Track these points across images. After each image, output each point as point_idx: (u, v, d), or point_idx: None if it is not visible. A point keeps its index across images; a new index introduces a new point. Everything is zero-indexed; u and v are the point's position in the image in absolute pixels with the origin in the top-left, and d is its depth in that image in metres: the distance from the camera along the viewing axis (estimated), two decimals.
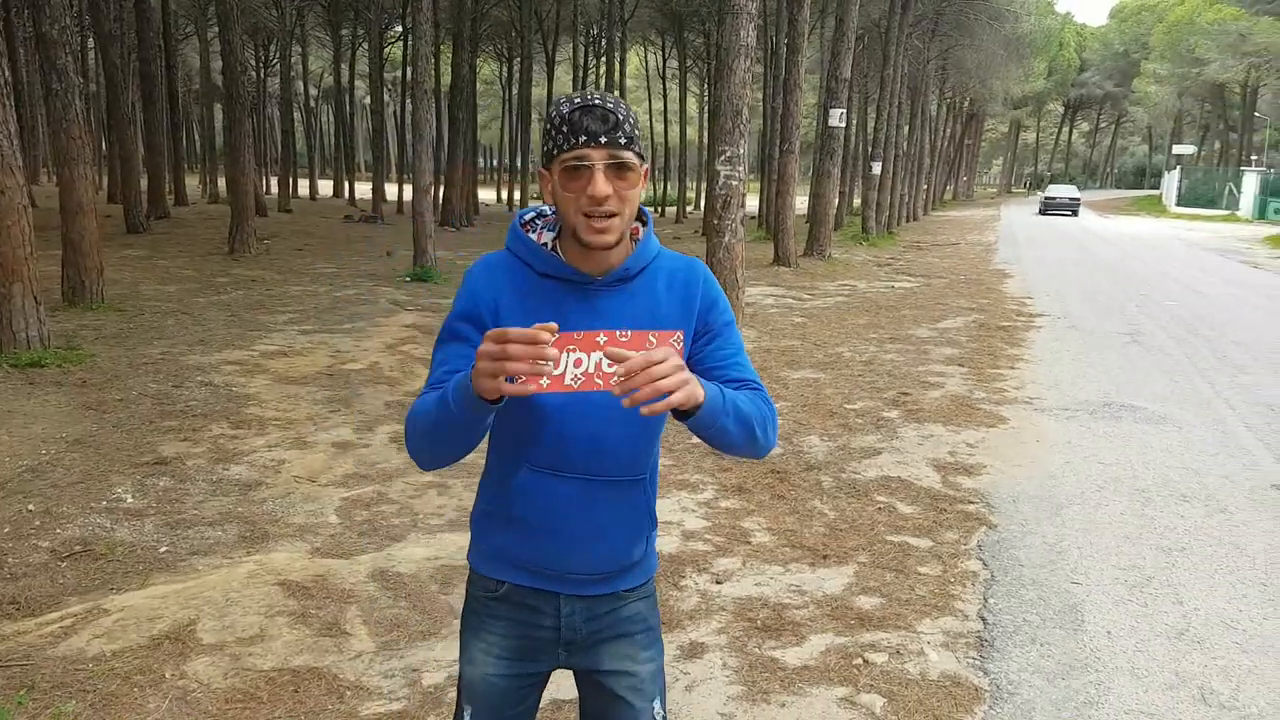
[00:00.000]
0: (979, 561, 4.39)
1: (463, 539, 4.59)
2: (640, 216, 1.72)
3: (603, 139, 1.53)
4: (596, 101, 1.56)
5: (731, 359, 1.72)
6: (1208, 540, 4.73)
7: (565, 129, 1.55)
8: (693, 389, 1.43)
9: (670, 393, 1.39)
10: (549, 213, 1.73)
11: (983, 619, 3.80)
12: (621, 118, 1.56)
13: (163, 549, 4.35)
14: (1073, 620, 3.81)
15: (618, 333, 1.58)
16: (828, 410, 7.12)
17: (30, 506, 4.77)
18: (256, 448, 5.90)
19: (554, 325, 1.42)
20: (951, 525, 4.83)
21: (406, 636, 3.61)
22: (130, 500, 4.94)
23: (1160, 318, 12.52)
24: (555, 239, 1.69)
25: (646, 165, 1.64)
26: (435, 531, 4.68)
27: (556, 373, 1.56)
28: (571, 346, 1.57)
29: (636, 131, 1.59)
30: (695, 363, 1.70)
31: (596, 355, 1.56)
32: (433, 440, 1.61)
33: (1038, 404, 7.52)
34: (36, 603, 3.77)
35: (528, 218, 1.74)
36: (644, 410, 1.39)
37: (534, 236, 1.70)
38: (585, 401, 1.59)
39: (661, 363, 1.39)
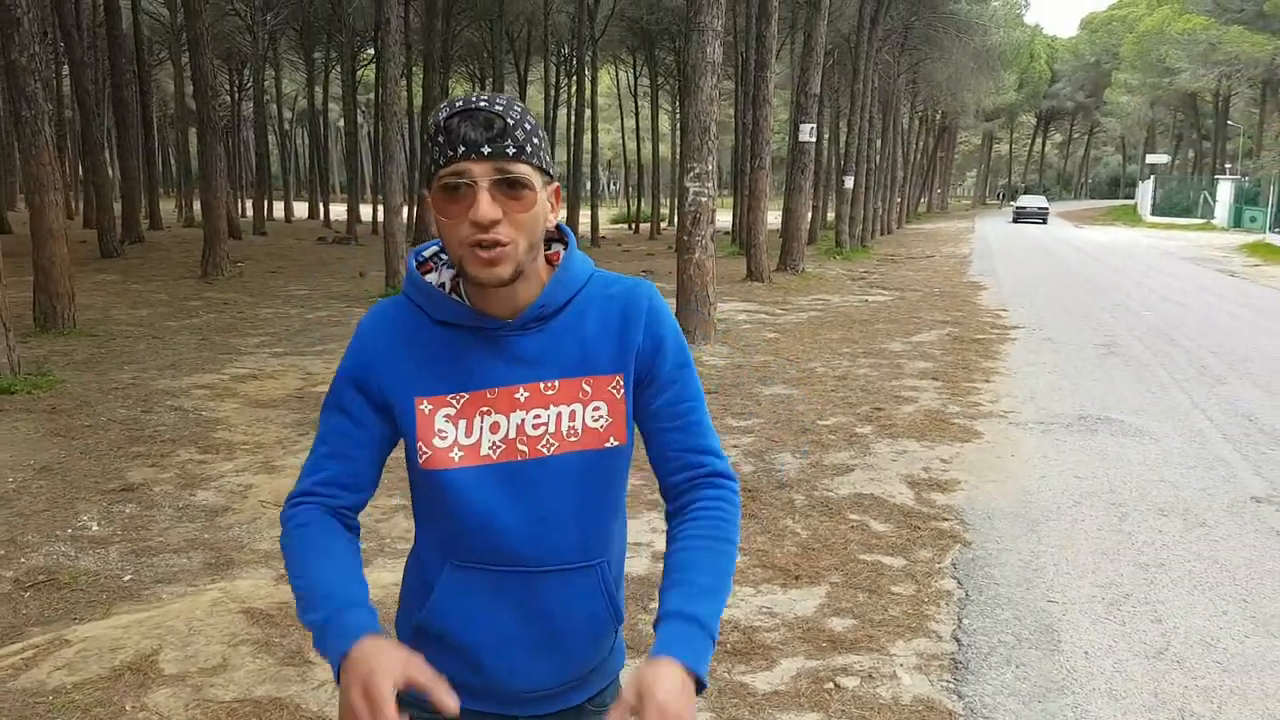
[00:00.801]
0: (953, 580, 4.33)
1: None
2: (559, 235, 1.42)
3: (485, 149, 1.23)
4: (481, 104, 1.25)
5: (688, 418, 1.41)
6: (1187, 555, 4.68)
7: (441, 139, 1.25)
8: (692, 709, 1.19)
9: None
10: None
11: (957, 640, 3.74)
12: (512, 122, 1.25)
13: (127, 577, 4.27)
14: (1049, 640, 3.75)
15: (541, 385, 1.33)
16: (800, 427, 7.06)
17: None
18: (224, 472, 5.82)
19: (454, 707, 1.19)
20: (925, 543, 4.77)
21: None
22: (96, 528, 4.85)
23: (1137, 328, 12.56)
24: (456, 278, 1.39)
25: (555, 183, 1.35)
26: (401, 556, 4.57)
27: (469, 442, 1.33)
28: (485, 409, 1.33)
29: (536, 139, 1.28)
30: (644, 418, 1.41)
31: (518, 416, 1.33)
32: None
33: (1013, 418, 7.49)
34: None
35: (427, 253, 1.43)
36: None
37: (433, 276, 1.40)
38: (512, 475, 1.34)
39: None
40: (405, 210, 32.20)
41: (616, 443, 1.37)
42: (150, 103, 31.65)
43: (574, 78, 33.07)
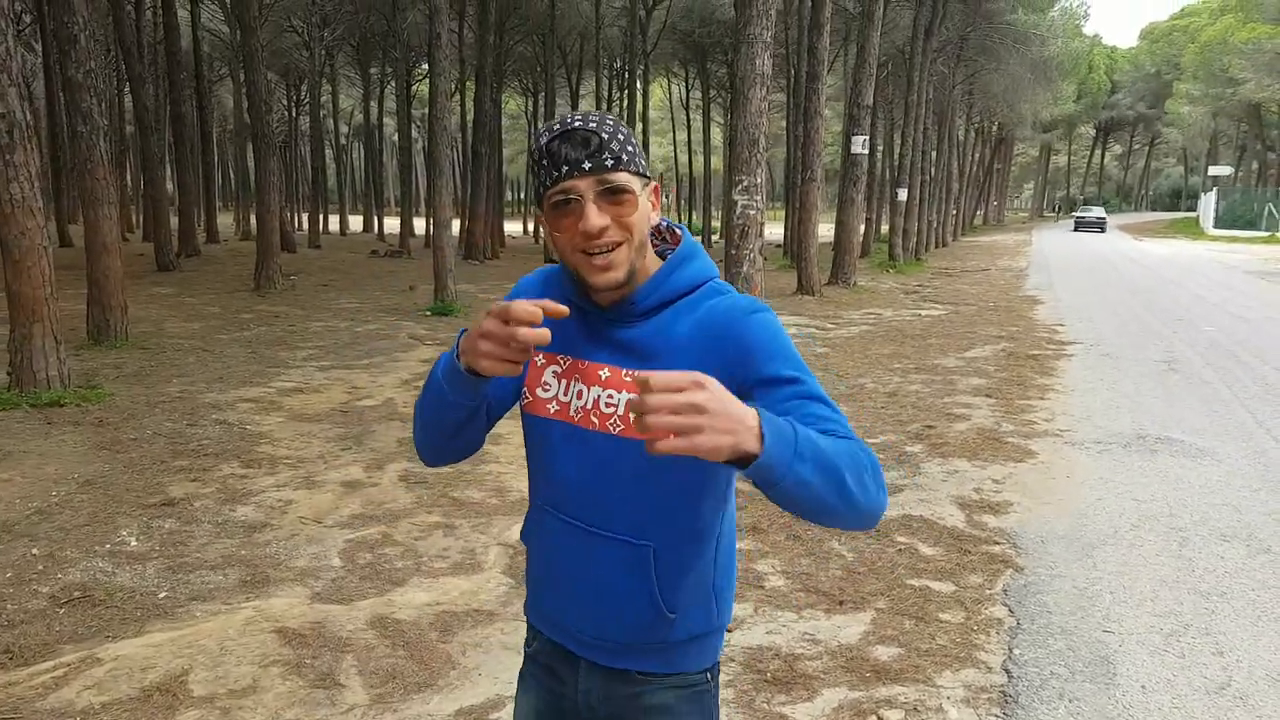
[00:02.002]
0: (1004, 607, 4.16)
1: (465, 583, 4.47)
2: (671, 233, 1.56)
3: (587, 165, 1.37)
4: (576, 124, 1.38)
5: (793, 407, 1.35)
6: (1251, 584, 4.46)
7: (546, 162, 1.39)
8: (725, 439, 1.11)
9: (680, 435, 1.10)
10: None
11: (1007, 671, 3.58)
12: (606, 137, 1.38)
13: (162, 594, 4.26)
14: (1104, 673, 3.57)
15: (623, 371, 1.45)
16: None
17: (35, 550, 4.72)
18: (265, 487, 5.81)
19: (564, 310, 1.29)
20: (976, 568, 4.61)
21: (401, 688, 3.46)
22: (134, 543, 4.86)
23: (1198, 344, 12.16)
24: None
25: (653, 182, 1.48)
26: (438, 575, 4.54)
27: (565, 399, 1.50)
28: (577, 376, 1.49)
29: (630, 147, 1.41)
30: None
31: (596, 391, 1.46)
32: (421, 415, 1.52)
33: (1068, 437, 7.26)
34: (31, 651, 3.69)
35: None
36: (650, 448, 1.11)
37: None
38: (582, 440, 1.48)
39: (682, 390, 1.10)
40: (456, 223, 32.32)
41: None
42: (209, 118, 32.31)
43: (625, 91, 33.16)
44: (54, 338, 8.02)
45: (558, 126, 1.39)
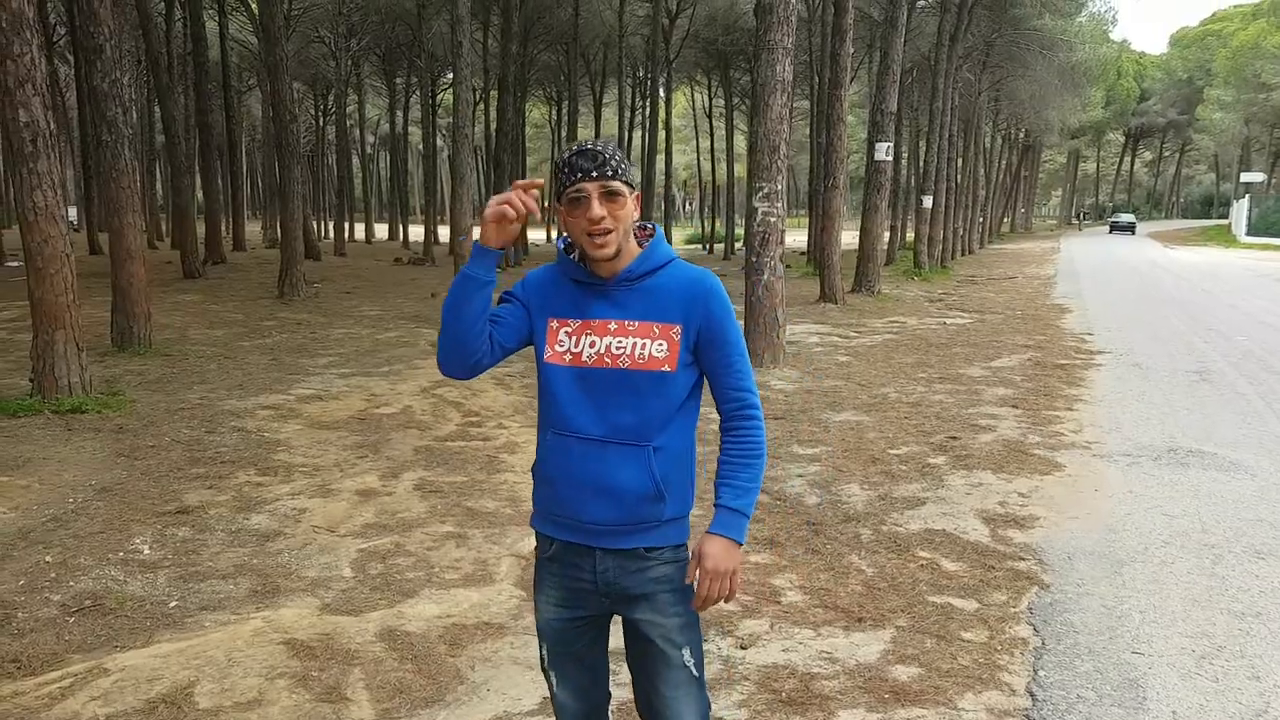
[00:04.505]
0: (1029, 627, 4.03)
1: (476, 595, 4.41)
2: (648, 230, 2.17)
3: (594, 174, 1.98)
4: (589, 146, 2.01)
5: (732, 367, 2.11)
6: None
7: (566, 170, 2.00)
8: (738, 564, 2.10)
9: (730, 595, 2.12)
10: None
11: (1031, 694, 3.45)
12: (609, 155, 2.00)
13: (172, 604, 4.23)
14: (1133, 697, 3.43)
15: (626, 322, 2.05)
16: (870, 456, 6.78)
17: (48, 558, 4.71)
18: (280, 495, 5.79)
19: (540, 183, 2.05)
20: (1000, 585, 4.47)
21: (408, 703, 3.39)
22: (147, 552, 4.84)
23: (1232, 354, 11.91)
24: (582, 255, 2.14)
25: (637, 192, 2.08)
26: (449, 587, 4.47)
27: (576, 350, 2.06)
28: (588, 331, 2.06)
29: (624, 166, 2.02)
30: (704, 364, 2.11)
31: (607, 339, 2.05)
32: (447, 310, 2.07)
33: (1097, 449, 7.08)
34: (39, 661, 3.66)
35: (570, 241, 2.19)
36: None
37: (574, 255, 2.14)
38: (597, 376, 2.04)
39: (719, 587, 2.09)
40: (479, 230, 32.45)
41: (669, 369, 2.05)
42: (237, 128, 32.59)
43: (649, 100, 33.13)
44: (76, 345, 8.05)
45: (576, 147, 2.01)
